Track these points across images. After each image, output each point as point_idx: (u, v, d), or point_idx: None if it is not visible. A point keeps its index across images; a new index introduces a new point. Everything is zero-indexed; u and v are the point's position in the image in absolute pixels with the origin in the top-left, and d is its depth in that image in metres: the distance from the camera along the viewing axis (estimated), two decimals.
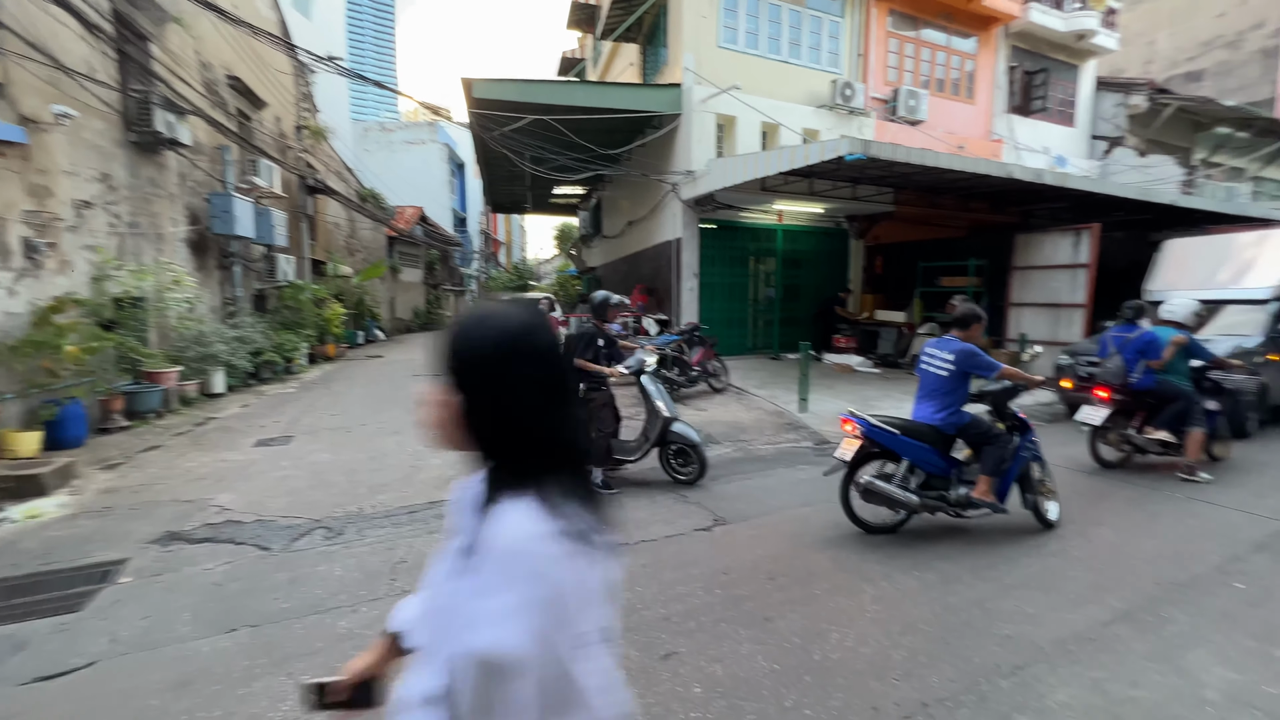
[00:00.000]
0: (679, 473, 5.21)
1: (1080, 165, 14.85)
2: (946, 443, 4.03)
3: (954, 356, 3.88)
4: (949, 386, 3.94)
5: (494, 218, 41.33)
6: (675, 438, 5.08)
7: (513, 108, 9.86)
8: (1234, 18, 18.92)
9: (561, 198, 21.36)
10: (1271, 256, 7.80)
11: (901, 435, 3.92)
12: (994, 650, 2.76)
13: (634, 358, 5.18)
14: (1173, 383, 5.33)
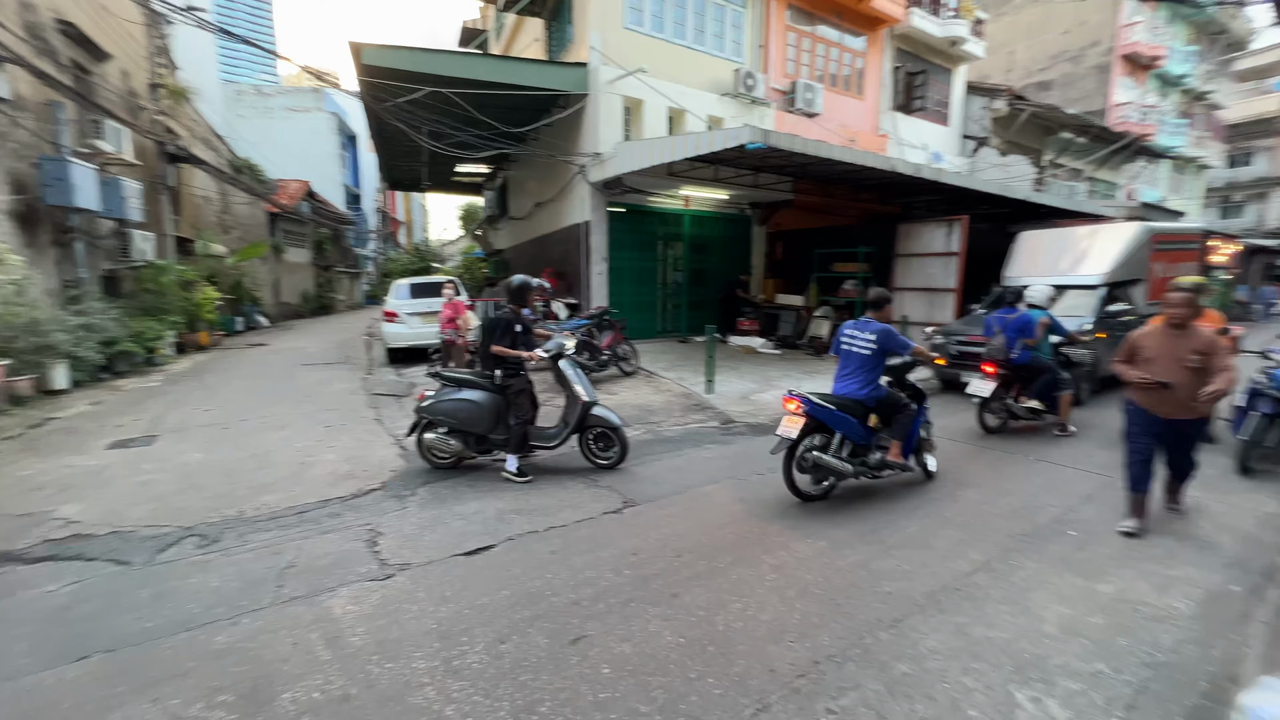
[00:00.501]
0: (599, 457, 5.17)
1: (953, 162, 16.30)
2: (867, 414, 4.44)
3: (875, 336, 4.32)
4: (872, 364, 4.37)
5: (392, 195, 38.78)
6: (596, 421, 5.03)
7: (408, 78, 9.24)
8: (1076, 35, 21.46)
9: (465, 176, 20.44)
10: (1101, 248, 9.01)
11: (836, 411, 4.27)
12: (877, 607, 3.02)
13: (553, 341, 5.10)
14: (1042, 358, 6.25)
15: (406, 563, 3.48)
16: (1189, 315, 3.65)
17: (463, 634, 2.78)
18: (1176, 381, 3.58)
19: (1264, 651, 2.71)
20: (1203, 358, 3.55)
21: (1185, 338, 3.63)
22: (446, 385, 5.06)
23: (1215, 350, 3.57)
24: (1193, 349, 3.58)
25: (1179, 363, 3.59)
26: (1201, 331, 3.67)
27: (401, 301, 10.41)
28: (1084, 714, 2.30)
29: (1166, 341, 3.69)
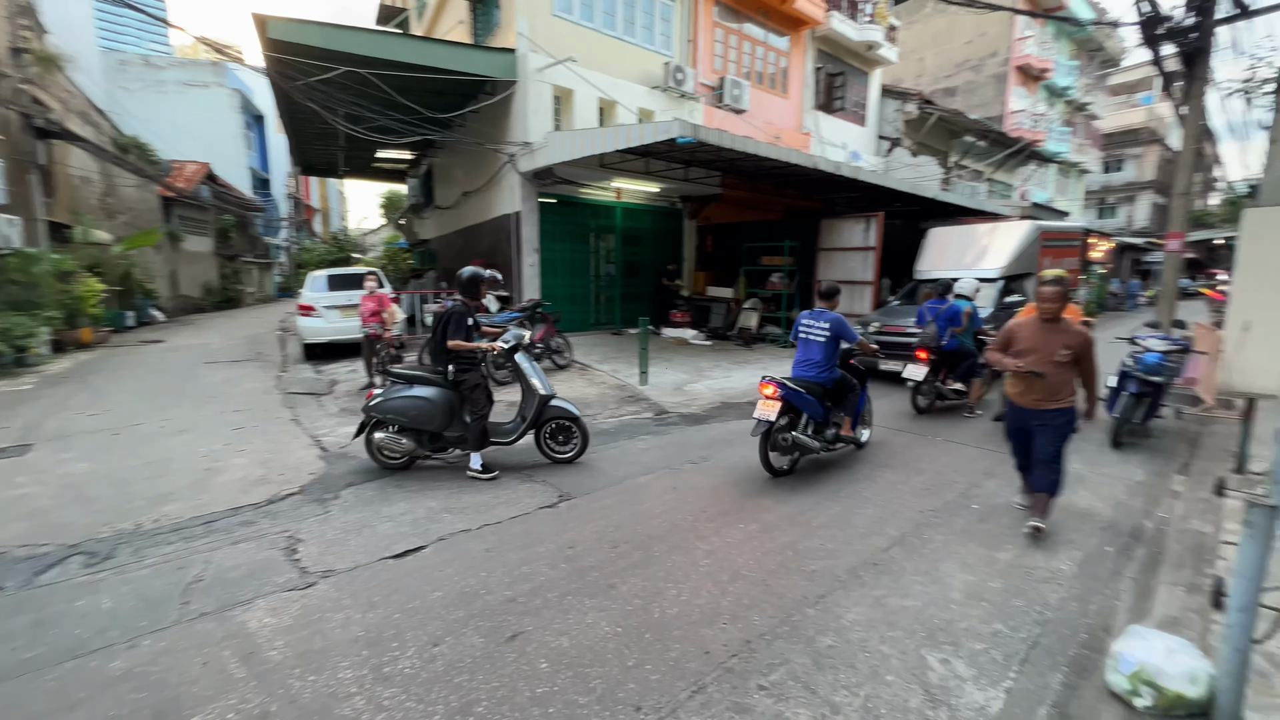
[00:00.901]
0: (557, 452, 5.10)
1: (870, 161, 17.18)
2: (825, 395, 4.89)
3: (829, 325, 4.83)
4: (828, 350, 4.85)
5: (305, 181, 36.30)
6: (556, 413, 4.99)
7: (320, 55, 8.65)
8: (977, 46, 23.10)
9: (386, 162, 19.45)
10: (999, 244, 9.79)
11: (804, 393, 4.69)
12: (803, 585, 3.18)
13: (510, 333, 5.00)
14: (967, 343, 6.93)
15: (330, 569, 3.32)
16: (1060, 309, 3.66)
17: (393, 639, 2.69)
18: (1047, 373, 3.60)
19: (1132, 603, 3.08)
20: (1072, 352, 3.57)
21: (1057, 331, 3.64)
22: (396, 382, 4.85)
23: (1085, 345, 3.60)
24: (1064, 343, 3.59)
25: (1049, 355, 3.60)
26: (1073, 326, 3.67)
27: (318, 294, 9.80)
28: (986, 671, 2.52)
29: (1039, 334, 3.69)
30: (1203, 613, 2.90)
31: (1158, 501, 4.44)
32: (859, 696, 2.36)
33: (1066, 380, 3.65)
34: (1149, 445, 5.82)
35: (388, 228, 37.24)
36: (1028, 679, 2.48)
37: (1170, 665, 2.25)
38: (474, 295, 4.79)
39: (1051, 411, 3.67)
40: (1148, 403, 5.74)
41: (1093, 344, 3.63)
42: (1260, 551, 2.04)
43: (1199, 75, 7.94)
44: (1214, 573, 3.18)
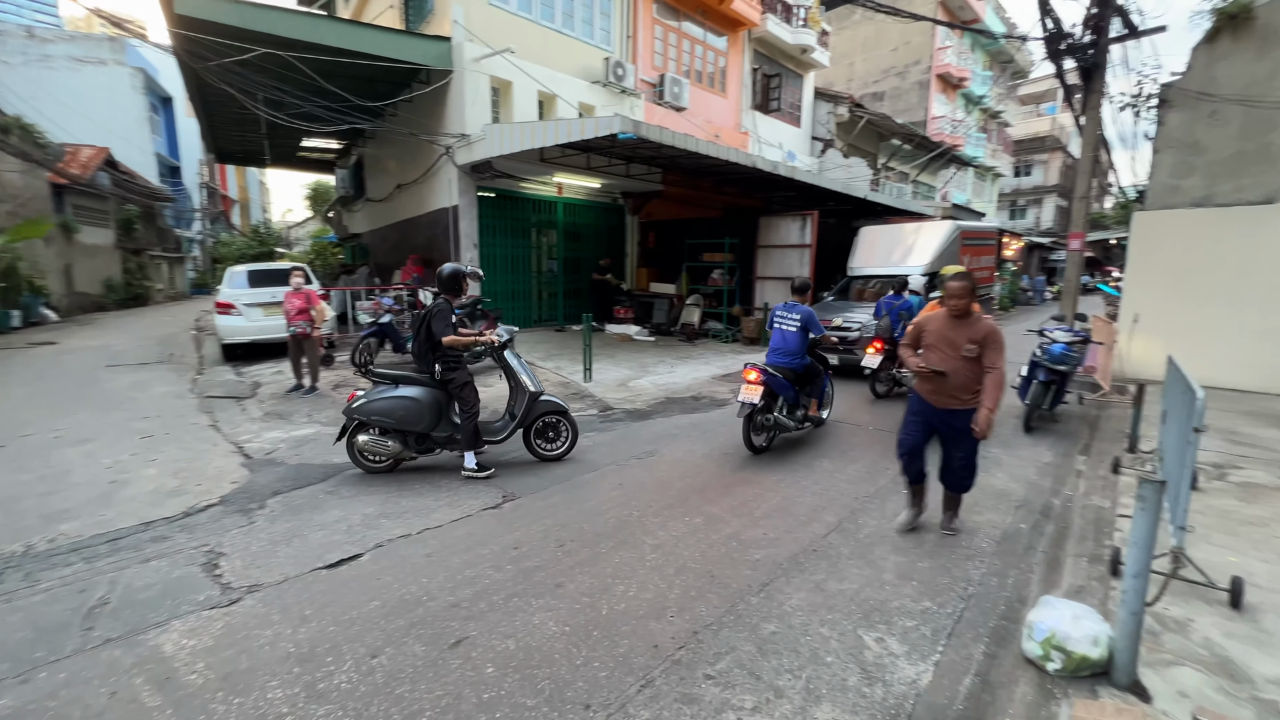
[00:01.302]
0: (546, 450, 5.10)
1: (805, 161, 17.74)
2: (797, 380, 5.44)
3: (800, 317, 5.37)
4: (799, 340, 5.38)
5: (221, 170, 33.82)
6: (547, 407, 4.99)
7: (235, 35, 8.06)
8: (903, 53, 24.30)
9: (312, 151, 18.41)
10: (924, 243, 10.35)
11: (781, 379, 5.23)
12: (747, 574, 3.26)
13: (502, 327, 5.02)
14: None
15: (256, 584, 3.12)
16: (968, 304, 3.52)
17: (328, 654, 2.56)
18: (952, 370, 3.47)
19: (1043, 575, 3.34)
20: (978, 348, 3.43)
21: (964, 327, 3.50)
22: (379, 383, 4.70)
23: (991, 338, 3.44)
24: (970, 338, 3.45)
25: (956, 352, 3.47)
26: (982, 323, 3.51)
27: (238, 291, 9.16)
28: (917, 646, 2.67)
29: (947, 330, 3.55)
30: (1103, 580, 3.18)
31: (1064, 480, 4.83)
32: (801, 679, 2.44)
33: (977, 378, 3.48)
34: (1056, 429, 6.32)
35: (315, 221, 35.33)
36: (954, 651, 2.65)
37: (1076, 630, 2.45)
38: (456, 291, 4.69)
39: (964, 413, 3.50)
40: (1054, 389, 6.22)
41: (999, 338, 3.43)
42: (1151, 523, 2.25)
43: (1095, 88, 8.66)
44: (1112, 544, 3.50)
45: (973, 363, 3.47)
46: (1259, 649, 2.55)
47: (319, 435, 5.74)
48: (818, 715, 2.25)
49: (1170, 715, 2.18)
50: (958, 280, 3.52)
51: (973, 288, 3.52)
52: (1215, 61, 8.00)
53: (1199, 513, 3.83)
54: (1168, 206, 8.47)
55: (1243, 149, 7.89)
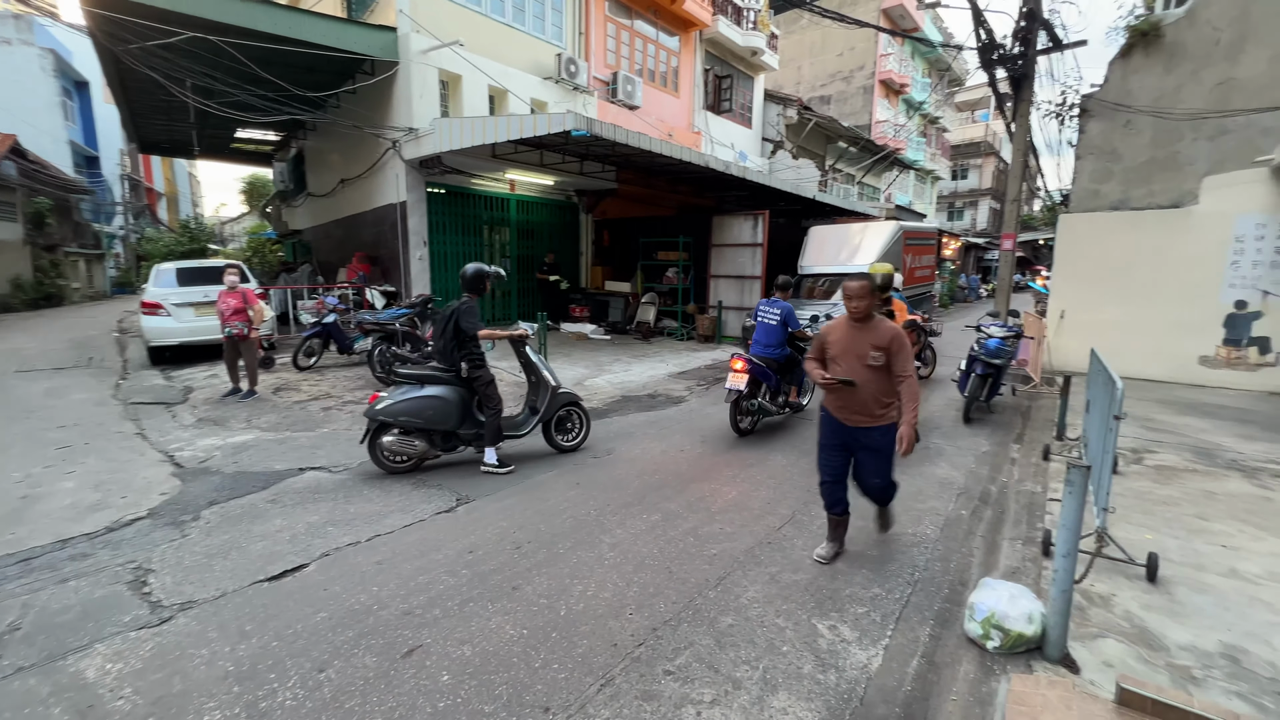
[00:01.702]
0: (562, 442, 5.29)
1: (756, 162, 18.07)
2: (778, 369, 5.87)
3: (780, 311, 5.83)
4: (780, 332, 5.83)
5: (146, 161, 31.64)
6: (566, 400, 5.23)
7: (159, 16, 7.54)
8: (848, 59, 25.09)
9: (248, 143, 17.49)
10: (869, 242, 10.72)
11: (765, 368, 5.68)
12: (704, 569, 3.30)
13: (523, 324, 5.25)
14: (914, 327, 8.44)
15: (190, 600, 2.94)
16: (867, 306, 3.16)
17: (270, 670, 2.44)
18: (860, 382, 3.14)
19: (982, 558, 3.51)
20: (884, 354, 3.10)
21: (866, 332, 3.16)
22: (403, 383, 4.70)
23: (897, 343, 3.11)
24: (873, 344, 3.12)
25: (860, 360, 3.13)
26: (884, 326, 3.17)
27: (166, 290, 8.60)
28: (867, 632, 2.76)
29: (848, 336, 3.22)
30: (1036, 561, 3.38)
31: (1000, 468, 5.10)
32: (758, 669, 2.49)
33: (887, 389, 3.17)
34: (993, 419, 6.66)
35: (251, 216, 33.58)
36: (902, 635, 2.75)
37: (1012, 609, 2.59)
38: (479, 290, 4.75)
39: (875, 431, 3.21)
40: (990, 382, 6.56)
41: (905, 341, 3.12)
42: (1078, 505, 2.40)
43: (1024, 97, 9.17)
44: (1043, 526, 3.72)
45: (880, 372, 3.14)
46: (1172, 619, 2.76)
47: (259, 441, 5.46)
48: (774, 704, 2.29)
49: (1096, 684, 2.33)
50: (855, 280, 3.17)
51: (873, 287, 3.15)
52: (1129, 75, 8.61)
53: (1119, 495, 4.12)
54: (1089, 209, 9.06)
55: (1154, 156, 8.52)
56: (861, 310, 3.17)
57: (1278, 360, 7.78)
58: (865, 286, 3.12)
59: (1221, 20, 7.89)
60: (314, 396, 7.09)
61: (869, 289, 3.13)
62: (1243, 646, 2.56)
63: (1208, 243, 8.08)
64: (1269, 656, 2.50)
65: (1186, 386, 8.09)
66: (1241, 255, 7.90)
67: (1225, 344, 8.10)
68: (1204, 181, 8.12)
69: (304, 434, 5.70)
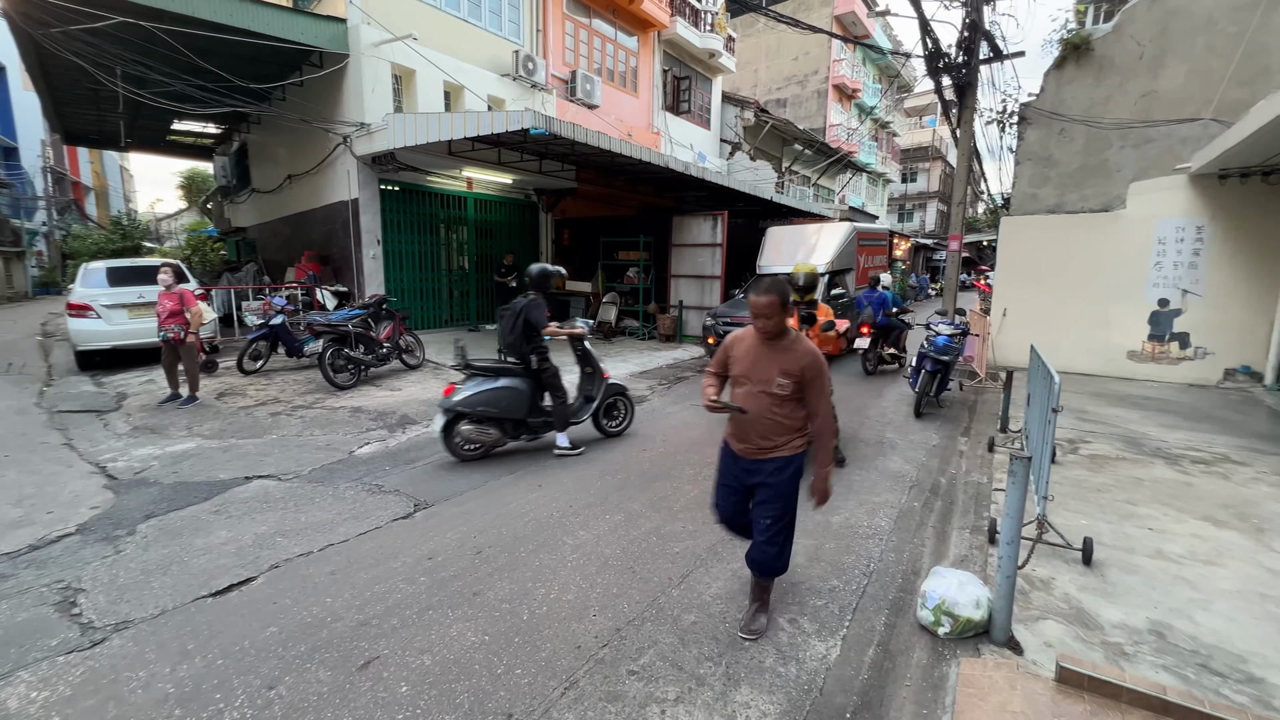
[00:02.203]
0: (610, 428, 5.71)
1: (714, 163, 18.28)
2: None
3: None
4: None
5: (72, 153, 29.64)
6: (615, 390, 5.69)
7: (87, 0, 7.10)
8: (803, 63, 25.67)
9: (185, 135, 16.62)
10: (824, 243, 10.98)
11: None
12: (667, 567, 3.32)
13: (579, 320, 5.58)
14: (896, 320, 9.13)
15: (125, 620, 2.78)
16: (779, 325, 2.53)
17: (215, 690, 2.33)
18: (757, 410, 2.58)
19: (933, 548, 3.65)
20: (794, 381, 2.51)
21: (776, 353, 2.56)
22: (477, 375, 4.97)
23: (813, 375, 2.52)
24: (783, 368, 2.52)
25: (766, 387, 2.55)
26: (799, 348, 2.55)
27: (96, 291, 8.08)
28: (826, 624, 2.83)
29: (756, 355, 2.60)
30: (982, 549, 3.53)
31: (949, 460, 5.31)
32: (721, 665, 2.52)
33: (793, 418, 2.59)
34: (942, 414, 6.93)
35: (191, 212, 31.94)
36: (858, 625, 2.84)
37: (961, 596, 2.70)
38: (545, 288, 5.17)
39: (771, 463, 2.61)
40: (939, 378, 6.83)
41: (822, 368, 2.55)
42: (1020, 494, 2.52)
43: (968, 104, 9.57)
44: (989, 515, 3.89)
45: (788, 402, 2.56)
46: (1106, 599, 2.93)
47: (201, 450, 5.20)
48: (737, 699, 2.33)
49: (1039, 664, 2.46)
50: (762, 293, 2.48)
51: (785, 300, 2.50)
52: (1063, 86, 9.10)
53: (1057, 483, 4.34)
54: (1028, 212, 9.53)
55: (1086, 163, 9.03)
56: (770, 330, 2.55)
57: (1196, 354, 8.37)
58: (773, 302, 2.47)
59: (1144, 36, 8.42)
60: (261, 401, 6.79)
61: (777, 304, 2.48)
62: (1168, 622, 2.74)
63: (1134, 244, 8.62)
64: (1191, 630, 2.68)
65: (1117, 379, 8.61)
66: (1164, 256, 8.46)
67: (1150, 339, 8.66)
68: (1130, 187, 8.65)
69: (251, 441, 5.46)
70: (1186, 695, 2.15)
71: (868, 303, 9.28)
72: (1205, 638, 2.63)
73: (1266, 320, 7.83)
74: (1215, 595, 2.96)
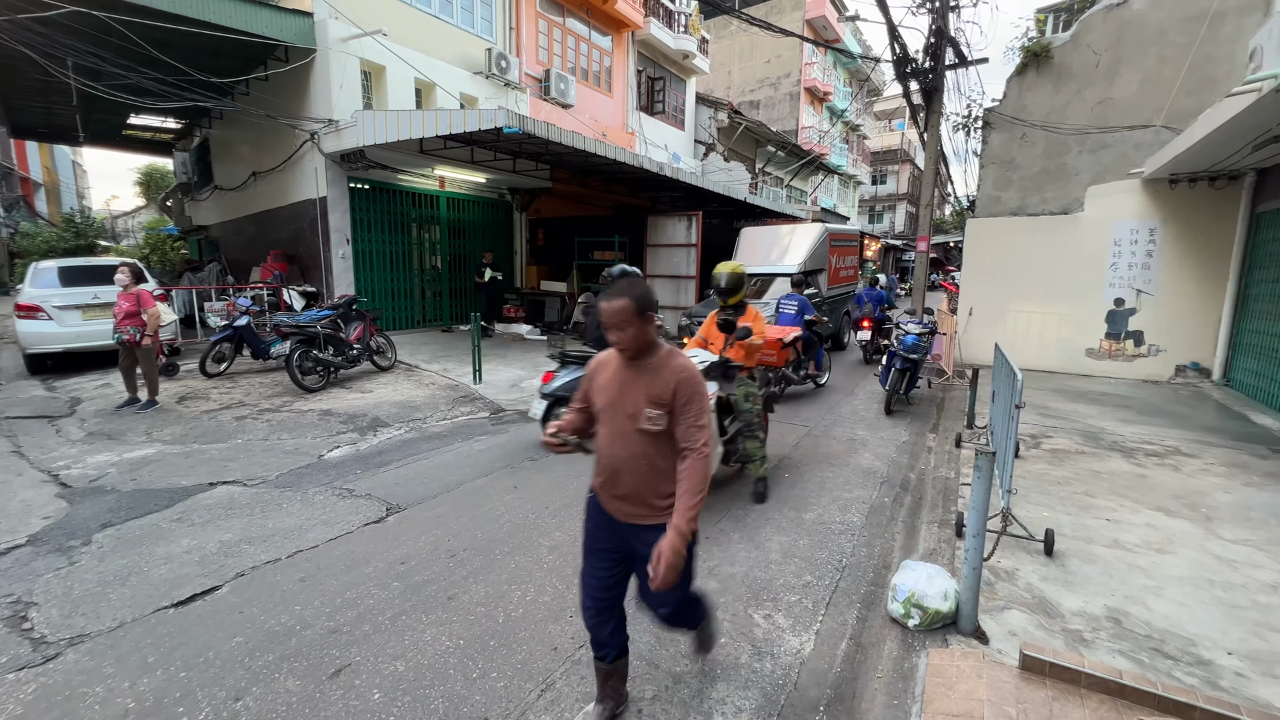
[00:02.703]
0: None
1: (689, 163, 18.36)
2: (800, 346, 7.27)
3: (797, 303, 7.66)
4: (797, 320, 7.45)
5: (20, 147, 28.31)
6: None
7: None
8: (775, 65, 25.96)
9: (143, 130, 16.04)
10: (797, 243, 11.13)
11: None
12: None
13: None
14: (887, 316, 10.29)
15: (81, 634, 2.67)
16: (636, 339, 1.90)
17: (178, 704, 2.25)
18: (625, 456, 1.94)
19: (903, 542, 3.73)
20: (664, 413, 1.88)
21: (642, 377, 1.93)
22: (571, 363, 5.19)
23: (686, 401, 1.88)
24: (651, 396, 1.90)
25: (632, 420, 1.92)
26: (670, 368, 1.92)
27: (47, 291, 7.74)
28: (800, 619, 2.87)
29: (619, 381, 1.97)
30: (950, 542, 3.63)
31: (918, 456, 5.43)
32: (697, 663, 2.53)
33: (671, 465, 1.93)
34: (911, 411, 7.09)
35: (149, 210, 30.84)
36: (832, 619, 2.89)
37: (930, 588, 2.77)
38: None
39: (655, 531, 1.92)
40: (909, 376, 6.98)
41: (701, 392, 1.90)
42: (985, 490, 2.60)
43: (935, 109, 9.81)
44: (956, 509, 4.00)
45: (666, 440, 1.91)
46: (1066, 588, 3.04)
47: (162, 455, 5.03)
48: (713, 695, 2.35)
49: (1004, 653, 2.53)
50: (613, 297, 1.87)
51: (644, 306, 1.87)
52: (1025, 92, 9.39)
53: (1020, 477, 4.48)
54: (992, 214, 9.81)
55: (1046, 167, 9.33)
56: (629, 346, 1.90)
57: (1150, 351, 8.72)
58: (625, 309, 1.84)
59: (1100, 45, 8.75)
60: (225, 405, 6.59)
61: (631, 311, 1.84)
62: (1124, 609, 2.86)
63: (1092, 246, 8.94)
64: (1145, 617, 2.80)
65: (1076, 376, 8.92)
66: (1119, 257, 8.80)
67: (1107, 337, 8.99)
68: (1088, 190, 8.97)
69: (214, 446, 5.30)
70: (1141, 679, 2.25)
71: (867, 299, 10.38)
72: (1158, 623, 2.75)
73: (1213, 319, 8.21)
74: (1167, 582, 3.09)
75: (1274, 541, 3.56)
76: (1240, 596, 2.96)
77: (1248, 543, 3.54)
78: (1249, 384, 7.38)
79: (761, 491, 4.32)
